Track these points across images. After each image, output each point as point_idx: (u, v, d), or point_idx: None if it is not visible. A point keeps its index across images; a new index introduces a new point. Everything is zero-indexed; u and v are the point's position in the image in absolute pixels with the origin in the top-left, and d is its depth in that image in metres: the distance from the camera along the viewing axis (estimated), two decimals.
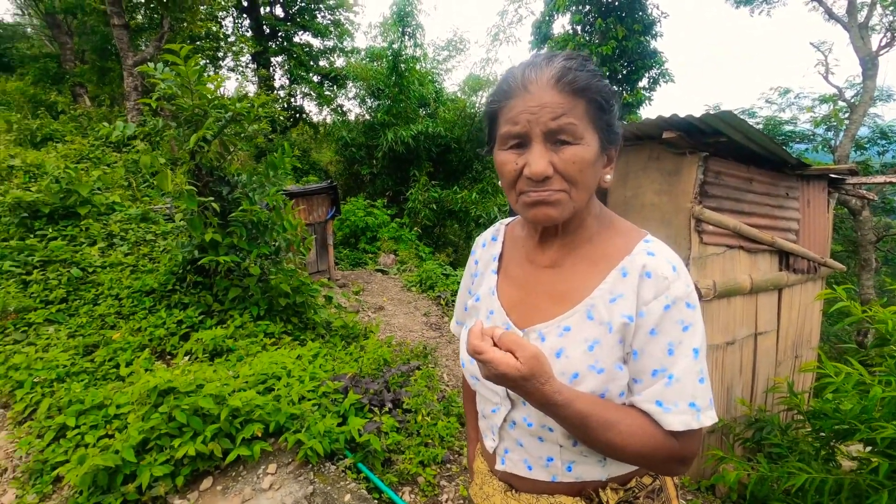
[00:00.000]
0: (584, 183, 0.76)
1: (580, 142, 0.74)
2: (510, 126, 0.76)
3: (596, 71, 0.77)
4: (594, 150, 0.76)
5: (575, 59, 0.76)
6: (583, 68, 0.74)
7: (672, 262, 0.79)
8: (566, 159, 0.74)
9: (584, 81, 0.73)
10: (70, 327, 3.39)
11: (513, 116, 0.75)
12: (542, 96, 0.73)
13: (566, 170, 0.74)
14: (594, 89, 0.74)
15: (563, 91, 0.73)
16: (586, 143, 0.74)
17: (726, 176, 3.21)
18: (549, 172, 0.74)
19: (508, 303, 0.91)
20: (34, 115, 8.46)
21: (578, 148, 0.74)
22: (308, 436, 2.38)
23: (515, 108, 0.75)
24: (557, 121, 0.72)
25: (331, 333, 4.02)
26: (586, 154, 0.74)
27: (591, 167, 0.76)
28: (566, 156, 0.74)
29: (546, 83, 0.73)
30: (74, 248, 4.29)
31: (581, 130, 0.74)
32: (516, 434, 0.89)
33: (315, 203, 7.37)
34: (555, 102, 0.72)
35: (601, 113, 0.76)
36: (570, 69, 0.73)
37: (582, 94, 0.73)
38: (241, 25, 16.00)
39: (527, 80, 0.75)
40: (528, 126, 0.74)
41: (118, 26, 8.35)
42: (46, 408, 2.54)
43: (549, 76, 0.73)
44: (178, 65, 3.44)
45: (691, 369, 0.75)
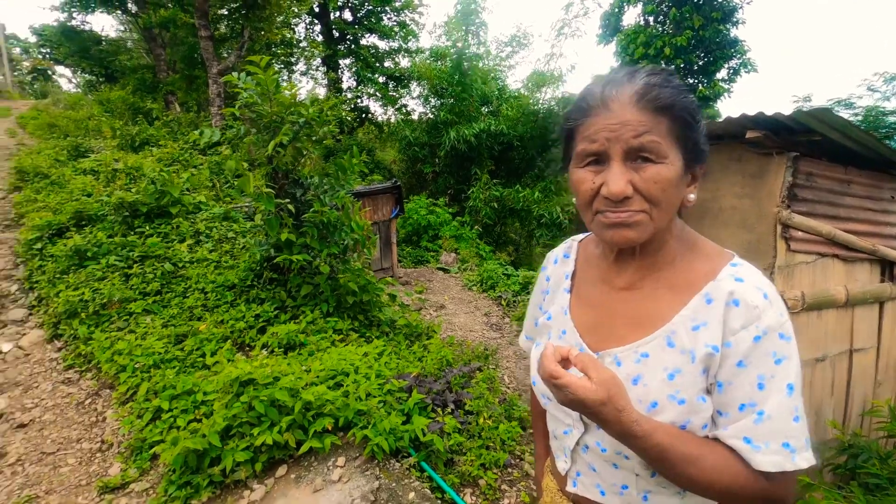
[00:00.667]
0: (667, 203, 0.74)
1: (663, 161, 0.71)
2: (587, 144, 0.75)
3: (681, 86, 0.74)
4: (678, 170, 0.73)
5: (658, 74, 0.73)
6: (667, 84, 0.72)
7: (763, 288, 0.74)
8: (648, 178, 0.71)
9: (669, 99, 0.71)
10: (163, 317, 3.73)
11: (591, 134, 0.74)
12: (624, 114, 0.71)
13: (647, 189, 0.72)
14: (679, 106, 0.72)
15: (646, 109, 0.71)
16: (670, 162, 0.72)
17: (819, 178, 2.94)
18: (629, 192, 0.72)
19: (582, 324, 0.90)
20: (133, 122, 9.35)
21: (661, 167, 0.71)
22: (374, 432, 2.47)
23: (594, 126, 0.74)
24: (639, 139, 0.70)
25: (395, 332, 4.13)
26: (669, 173, 0.72)
27: (674, 187, 0.73)
28: (648, 175, 0.71)
29: (627, 100, 0.71)
30: (167, 244, 4.71)
31: (665, 149, 0.71)
32: (589, 458, 0.88)
33: (380, 202, 7.59)
34: (637, 120, 0.70)
35: (687, 130, 0.73)
36: (654, 85, 0.71)
37: (666, 112, 0.71)
38: (313, 31, 16.75)
39: (607, 97, 0.73)
40: (607, 144, 0.72)
41: (204, 38, 9.03)
42: (145, 391, 2.82)
43: (631, 93, 0.71)
44: (258, 74, 3.67)
45: (785, 406, 0.70)
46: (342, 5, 16.31)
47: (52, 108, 12.51)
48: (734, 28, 9.58)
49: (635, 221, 0.73)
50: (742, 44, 9.74)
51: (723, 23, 9.29)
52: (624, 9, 10.76)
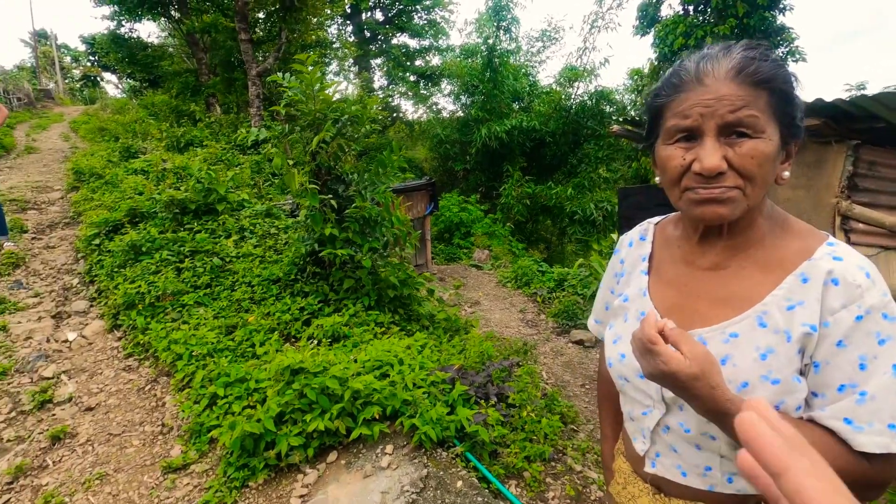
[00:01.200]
0: (762, 179, 0.72)
1: (761, 136, 0.70)
2: (679, 120, 0.74)
3: (779, 61, 0.72)
4: (775, 145, 0.72)
5: (756, 48, 0.72)
6: (765, 58, 0.71)
7: (864, 267, 0.72)
8: (744, 154, 0.70)
9: (769, 72, 0.70)
10: (214, 309, 3.89)
11: (683, 110, 0.73)
12: (720, 89, 0.70)
13: (743, 165, 0.71)
14: (780, 79, 0.70)
15: (745, 83, 0.69)
16: (768, 136, 0.71)
17: (883, 167, 2.81)
18: (723, 168, 0.71)
19: (663, 305, 0.89)
20: (178, 124, 9.74)
21: (759, 142, 0.70)
22: (422, 421, 2.50)
23: (687, 102, 0.73)
24: (736, 113, 0.69)
25: (434, 325, 4.18)
26: (767, 148, 0.70)
27: (770, 162, 0.72)
28: (744, 150, 0.70)
29: (725, 75, 0.70)
30: (214, 240, 4.89)
31: (763, 124, 0.70)
32: (670, 439, 0.87)
33: (415, 199, 7.66)
34: (734, 95, 0.69)
35: (786, 105, 0.72)
36: (753, 59, 0.70)
37: (766, 86, 0.70)
38: (345, 32, 17.04)
39: (702, 72, 0.72)
40: (701, 119, 0.72)
41: (244, 41, 9.32)
42: (200, 378, 2.95)
43: (728, 67, 0.71)
44: (303, 72, 3.77)
45: (891, 387, 0.68)
46: (373, 6, 16.52)
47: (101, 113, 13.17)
48: (781, 15, 9.18)
49: (729, 198, 0.72)
50: (790, 31, 9.33)
51: (769, 10, 8.91)
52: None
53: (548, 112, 12.88)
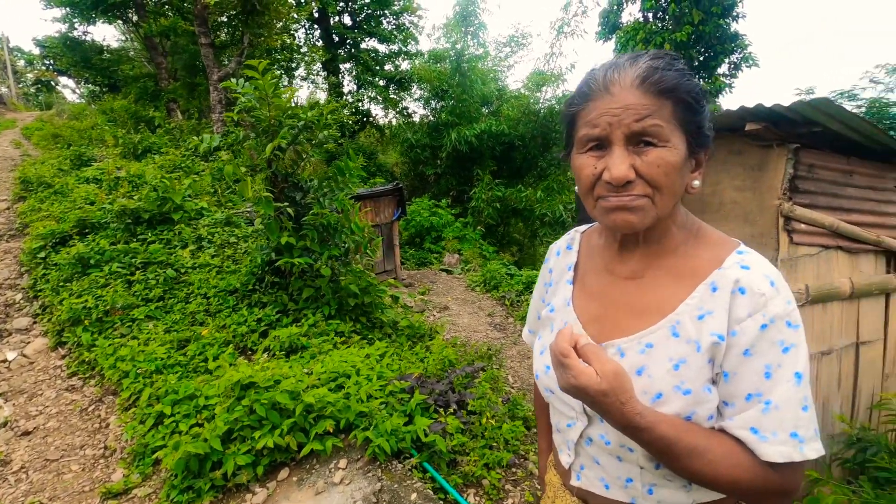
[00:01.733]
0: (670, 188, 0.72)
1: (666, 144, 0.70)
2: (589, 129, 0.73)
3: (685, 70, 0.72)
4: (681, 154, 0.71)
5: (662, 58, 0.72)
6: (670, 67, 0.71)
7: (770, 276, 0.72)
8: (650, 162, 0.70)
9: (672, 81, 0.69)
10: (166, 323, 3.75)
11: (592, 119, 0.73)
12: (626, 98, 0.70)
13: (650, 173, 0.70)
14: (683, 89, 0.70)
15: (649, 92, 0.69)
16: (673, 145, 0.70)
17: (821, 169, 2.90)
18: (631, 176, 0.70)
19: (585, 315, 0.88)
20: (136, 130, 9.42)
21: (664, 151, 0.70)
22: (376, 434, 2.46)
23: (596, 111, 0.73)
24: (641, 122, 0.69)
25: (397, 333, 4.13)
26: (672, 157, 0.70)
27: (676, 171, 0.72)
28: (650, 158, 0.70)
29: (630, 84, 0.70)
30: (169, 250, 4.73)
31: (667, 133, 0.70)
32: (593, 451, 0.86)
33: (382, 204, 7.60)
34: (639, 104, 0.69)
35: (690, 114, 0.72)
36: (656, 69, 0.70)
37: (669, 95, 0.70)
38: (313, 36, 16.83)
39: (609, 81, 0.72)
40: (609, 129, 0.71)
41: (205, 45, 9.10)
42: (147, 396, 2.83)
43: (633, 76, 0.70)
44: (256, 79, 3.69)
45: (793, 396, 0.68)
46: (341, 10, 16.38)
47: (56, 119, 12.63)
48: (734, 22, 9.53)
49: (637, 206, 0.72)
50: (743, 38, 9.68)
51: (723, 17, 9.24)
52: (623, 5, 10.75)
53: (517, 116, 13.00)
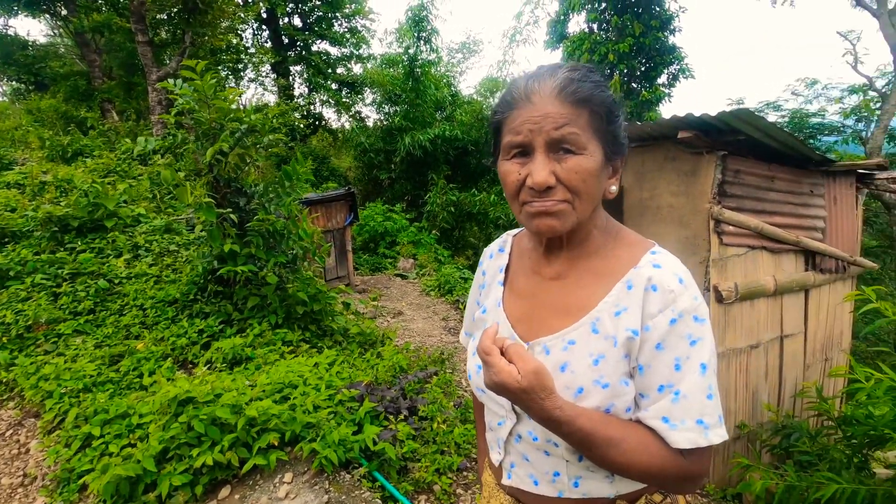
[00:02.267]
0: (588, 193, 0.76)
1: (583, 152, 0.74)
2: (512, 136, 0.76)
3: (600, 81, 0.76)
4: (598, 161, 0.75)
5: (579, 70, 0.76)
6: (586, 79, 0.74)
7: (679, 273, 0.77)
8: (569, 169, 0.73)
9: (587, 92, 0.73)
10: (97, 338, 3.51)
11: (515, 126, 0.76)
12: (545, 107, 0.73)
13: (569, 179, 0.74)
14: (597, 100, 0.74)
15: (566, 101, 0.73)
16: (589, 153, 0.74)
17: (746, 175, 3.11)
18: (551, 182, 0.73)
19: (514, 315, 0.91)
20: (65, 132, 8.80)
21: (581, 158, 0.73)
22: (323, 445, 2.40)
23: (518, 119, 0.75)
24: (560, 130, 0.72)
25: (348, 340, 4.06)
26: (589, 164, 0.74)
27: (594, 177, 0.75)
28: (569, 165, 0.73)
29: (549, 94, 0.73)
30: (102, 260, 4.44)
31: (584, 141, 0.73)
32: (522, 448, 0.89)
33: (333, 209, 7.46)
34: (557, 112, 0.72)
35: (605, 123, 0.76)
36: (573, 80, 0.73)
37: (584, 105, 0.73)
38: (261, 37, 16.35)
39: (530, 90, 0.75)
40: (531, 136, 0.74)
41: (142, 43, 8.63)
42: (73, 417, 2.63)
43: (552, 87, 0.73)
44: (195, 79, 3.53)
45: (699, 385, 0.73)
46: (291, 11, 16.02)
47: None
48: (672, 36, 10.09)
49: (558, 210, 0.75)
50: (680, 51, 10.26)
51: (661, 30, 9.76)
52: (569, 16, 11.14)
53: (470, 122, 13.15)
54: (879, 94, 9.43)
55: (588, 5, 10.49)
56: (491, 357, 0.72)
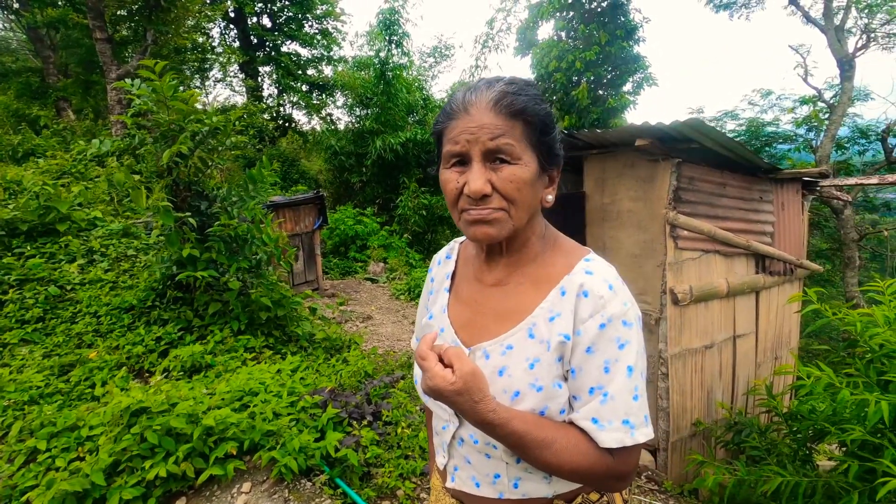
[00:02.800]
0: (523, 202, 0.78)
1: (518, 162, 0.76)
2: (451, 146, 0.78)
3: (536, 95, 0.79)
4: (532, 171, 0.78)
5: (515, 83, 0.79)
6: (522, 92, 0.77)
7: (609, 280, 0.80)
8: (504, 178, 0.76)
9: (521, 105, 0.76)
10: (46, 347, 3.35)
11: (454, 136, 0.78)
12: (481, 118, 0.75)
13: (504, 188, 0.76)
14: (531, 112, 0.77)
15: (501, 113, 0.75)
16: (524, 163, 0.77)
17: (700, 181, 3.24)
18: (487, 190, 0.76)
19: (458, 321, 0.93)
20: (16, 131, 8.40)
21: (516, 168, 0.76)
22: (283, 453, 2.36)
23: (457, 129, 0.78)
24: (495, 141, 0.75)
25: (313, 346, 4.00)
26: (524, 174, 0.76)
27: (529, 187, 0.78)
28: (504, 175, 0.76)
29: (485, 105, 0.76)
30: (53, 265, 4.25)
31: (519, 151, 0.76)
32: (464, 451, 0.90)
33: (302, 213, 7.36)
34: (492, 124, 0.75)
35: (540, 135, 0.79)
36: (508, 93, 0.76)
37: (519, 117, 0.76)
38: (229, 36, 16.01)
39: (468, 102, 0.78)
40: (468, 146, 0.76)
41: (101, 40, 8.33)
42: (17, 431, 2.51)
43: (488, 99, 0.76)
44: (153, 80, 3.44)
45: (626, 387, 0.76)
46: (260, 11, 15.74)
47: None
48: (636, 45, 10.39)
49: (494, 218, 0.77)
50: (644, 60, 10.58)
51: (626, 40, 10.04)
52: (538, 24, 11.33)
53: None
54: (827, 104, 9.96)
55: (557, 13, 10.70)
56: (426, 362, 0.74)
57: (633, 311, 0.80)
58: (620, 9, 9.92)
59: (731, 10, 11.03)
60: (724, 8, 10.95)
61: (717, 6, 10.91)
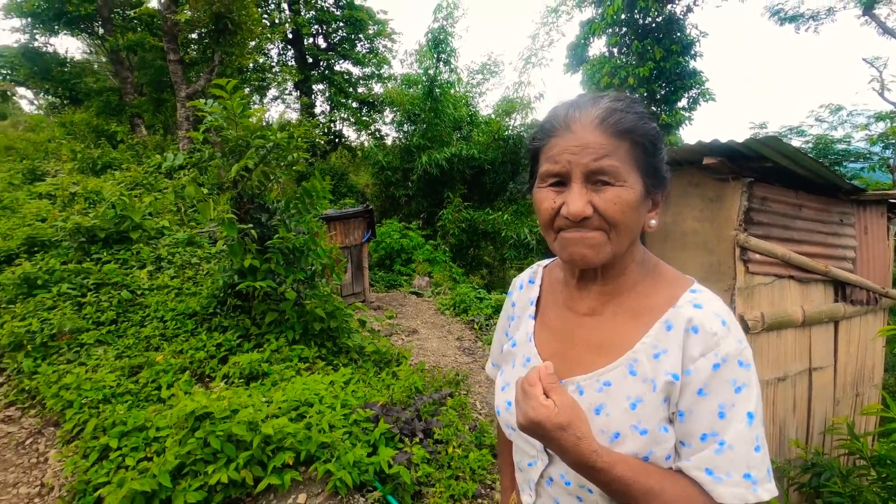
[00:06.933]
0: (626, 225, 0.74)
1: (623, 183, 0.72)
2: (550, 165, 0.75)
3: (643, 113, 0.75)
4: (637, 193, 0.73)
5: (622, 100, 0.75)
6: (629, 110, 0.73)
7: (721, 315, 0.73)
8: (607, 200, 0.72)
9: (630, 123, 0.72)
10: (118, 348, 3.55)
11: (553, 155, 0.75)
12: (585, 136, 0.72)
13: (606, 210, 0.72)
14: (639, 132, 0.73)
15: (607, 132, 0.71)
16: (629, 185, 0.72)
17: (773, 202, 3.05)
18: (588, 213, 0.72)
19: (546, 351, 0.88)
20: (96, 145, 9.09)
21: (621, 189, 0.72)
22: (338, 466, 2.37)
23: (556, 147, 0.74)
24: (599, 161, 0.71)
25: (364, 359, 4.04)
26: (628, 196, 0.72)
27: (633, 210, 0.73)
28: (607, 196, 0.72)
29: (589, 123, 0.72)
30: (126, 271, 4.52)
31: (624, 173, 0.72)
32: (553, 492, 0.85)
33: (351, 226, 7.52)
34: (597, 143, 0.71)
35: (646, 156, 0.74)
36: (616, 110, 0.72)
37: (626, 136, 0.72)
38: (286, 56, 16.82)
39: (570, 119, 0.74)
40: (569, 166, 0.73)
41: (173, 61, 8.95)
42: (92, 428, 2.65)
43: (593, 116, 0.72)
44: (224, 98, 3.63)
45: (746, 436, 0.69)
46: (316, 32, 16.48)
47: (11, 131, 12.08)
48: (693, 60, 10.11)
49: (593, 241, 0.73)
50: (700, 75, 10.26)
51: (682, 55, 9.79)
52: (589, 40, 11.24)
53: (487, 141, 13.25)
54: None
55: (609, 29, 10.58)
56: (534, 389, 0.70)
57: (749, 350, 0.73)
58: (676, 24, 9.71)
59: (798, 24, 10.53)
60: (790, 21, 10.49)
61: (782, 19, 10.46)
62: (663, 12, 9.44)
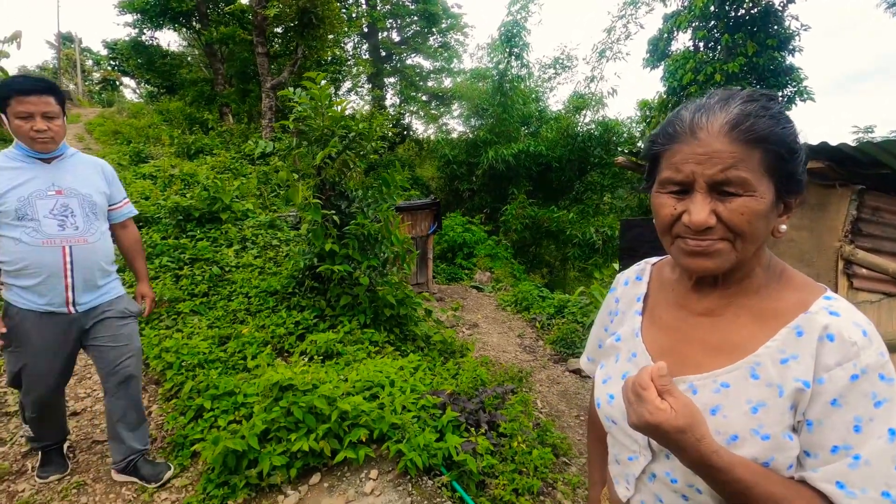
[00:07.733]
0: (753, 235, 0.70)
1: (753, 194, 0.68)
2: (672, 172, 0.73)
3: (779, 114, 0.70)
4: (768, 202, 0.69)
5: (755, 101, 0.69)
6: (764, 113, 0.68)
7: (861, 325, 0.69)
8: (733, 209, 0.68)
9: (764, 130, 0.67)
10: (209, 319, 3.86)
11: (676, 162, 0.72)
12: (712, 144, 0.68)
13: (732, 220, 0.69)
14: (775, 139, 0.68)
15: (738, 140, 0.67)
16: (759, 195, 0.68)
17: (887, 213, 2.79)
18: (711, 223, 0.69)
19: (655, 348, 0.87)
20: (190, 131, 9.87)
21: (749, 199, 0.68)
22: (409, 447, 2.45)
23: (679, 154, 0.71)
24: (726, 173, 0.67)
25: (429, 347, 4.13)
26: (758, 206, 0.68)
27: (762, 219, 0.70)
28: (734, 206, 0.68)
29: (718, 131, 0.68)
30: (215, 248, 4.90)
31: (754, 183, 0.68)
32: (655, 488, 0.84)
33: (419, 218, 7.68)
34: (726, 152, 0.67)
35: (782, 163, 0.69)
36: (748, 115, 0.68)
37: (760, 144, 0.67)
38: (360, 49, 17.36)
39: (696, 125, 0.70)
40: (693, 176, 0.70)
41: (261, 54, 9.51)
42: (188, 389, 2.91)
43: (723, 123, 0.68)
44: (312, 89, 3.83)
45: (886, 453, 0.65)
46: (390, 26, 16.87)
47: (117, 116, 13.39)
48: (790, 56, 9.30)
49: (716, 250, 0.71)
50: (798, 71, 9.43)
51: (778, 50, 9.02)
52: (673, 34, 10.66)
53: (555, 138, 13.00)
54: None
55: (695, 23, 9.98)
56: (648, 392, 0.69)
57: (891, 365, 0.68)
58: (774, 16, 8.97)
59: None
60: None
61: None
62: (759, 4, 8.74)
